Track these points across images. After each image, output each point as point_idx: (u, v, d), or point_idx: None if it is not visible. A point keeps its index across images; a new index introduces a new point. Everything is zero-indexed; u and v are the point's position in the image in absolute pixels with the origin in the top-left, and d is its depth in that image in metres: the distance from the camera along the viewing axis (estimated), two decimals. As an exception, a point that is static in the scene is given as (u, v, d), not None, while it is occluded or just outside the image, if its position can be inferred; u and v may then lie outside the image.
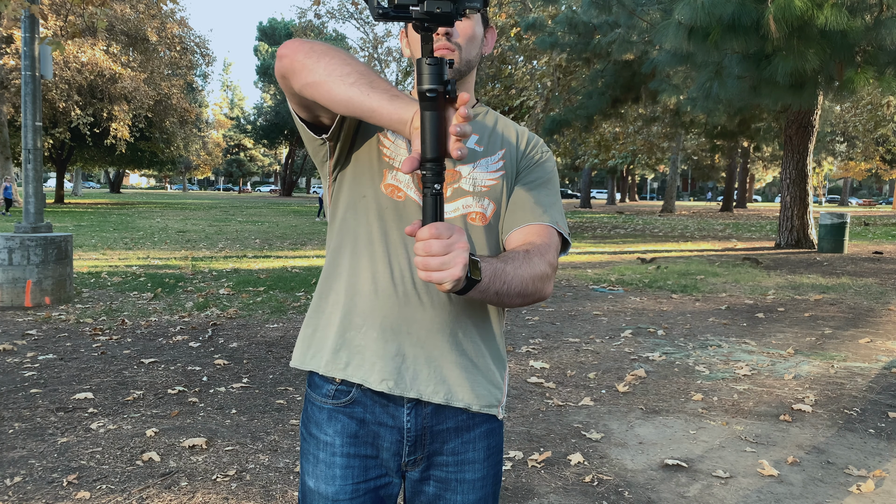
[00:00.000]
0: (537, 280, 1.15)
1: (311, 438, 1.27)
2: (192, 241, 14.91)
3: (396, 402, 1.22)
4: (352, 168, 1.26)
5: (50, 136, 28.15)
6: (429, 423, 1.23)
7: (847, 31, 8.73)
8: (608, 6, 14.32)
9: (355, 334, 1.21)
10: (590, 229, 21.89)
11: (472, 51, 1.25)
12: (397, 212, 1.22)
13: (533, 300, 1.18)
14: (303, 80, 1.07)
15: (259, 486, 2.95)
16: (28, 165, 7.28)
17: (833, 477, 3.17)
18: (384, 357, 1.19)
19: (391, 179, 1.23)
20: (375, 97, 1.02)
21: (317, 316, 1.27)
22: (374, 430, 1.23)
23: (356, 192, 1.25)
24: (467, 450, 1.26)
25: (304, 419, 1.30)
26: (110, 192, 59.54)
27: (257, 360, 5.04)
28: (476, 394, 1.23)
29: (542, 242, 1.21)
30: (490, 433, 1.28)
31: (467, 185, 1.24)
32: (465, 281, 1.00)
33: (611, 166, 42.01)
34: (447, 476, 1.26)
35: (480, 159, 1.27)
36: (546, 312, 7.14)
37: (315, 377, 1.27)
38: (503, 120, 1.35)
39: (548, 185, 1.30)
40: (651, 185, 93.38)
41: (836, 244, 13.75)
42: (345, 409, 1.23)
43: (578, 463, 3.26)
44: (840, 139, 37.02)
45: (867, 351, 5.63)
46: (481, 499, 1.28)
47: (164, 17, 28.37)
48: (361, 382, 1.20)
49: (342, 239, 1.26)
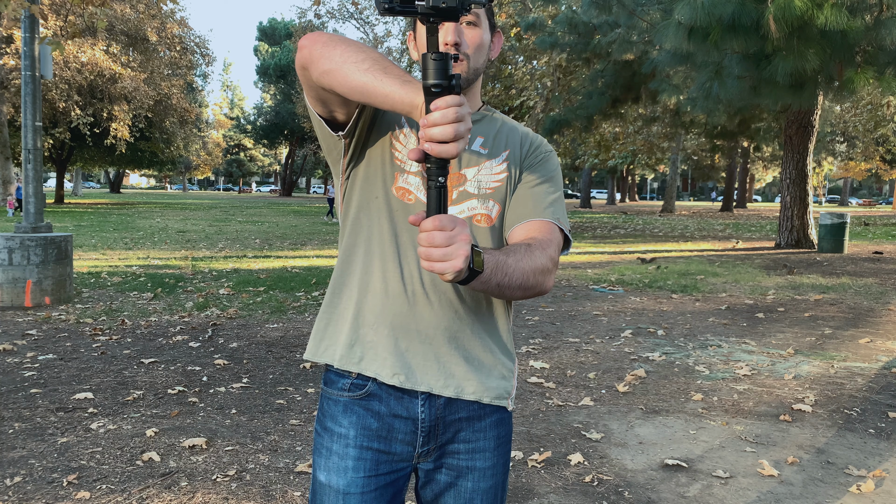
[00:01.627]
0: (538, 273, 1.18)
1: (325, 433, 1.29)
2: (192, 241, 14.91)
3: (410, 394, 1.25)
4: (364, 168, 1.29)
5: (50, 136, 28.13)
6: (442, 414, 1.26)
7: (847, 31, 8.73)
8: (608, 6, 14.32)
9: (367, 331, 1.25)
10: (590, 229, 21.89)
11: (480, 59, 1.27)
12: (407, 214, 1.25)
13: (534, 293, 1.21)
14: (321, 67, 1.10)
15: (259, 486, 2.95)
16: (28, 165, 7.28)
17: (833, 477, 3.17)
18: (394, 353, 1.23)
19: (402, 182, 1.26)
20: (388, 82, 1.04)
21: (330, 311, 1.31)
22: (389, 423, 1.26)
23: (369, 192, 1.28)
24: (479, 438, 1.29)
25: (320, 416, 1.32)
26: (110, 192, 59.53)
27: (257, 360, 5.04)
28: (486, 386, 1.27)
29: (544, 237, 1.24)
30: (500, 423, 1.32)
31: (472, 187, 1.28)
32: (468, 272, 1.03)
33: (611, 166, 42.02)
34: (459, 464, 1.29)
35: (485, 161, 1.30)
36: (546, 312, 7.14)
37: (331, 374, 1.30)
38: (508, 122, 1.37)
39: (550, 182, 1.33)
40: (651, 185, 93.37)
41: (836, 244, 13.75)
42: (361, 401, 1.26)
43: (578, 463, 3.26)
44: (840, 139, 37.01)
45: (867, 351, 5.63)
46: (492, 487, 1.32)
47: (164, 17, 28.36)
48: (375, 376, 1.24)
49: (355, 238, 1.29)
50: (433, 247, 0.96)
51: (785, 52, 9.25)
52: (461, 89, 0.94)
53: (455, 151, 0.94)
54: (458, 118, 0.93)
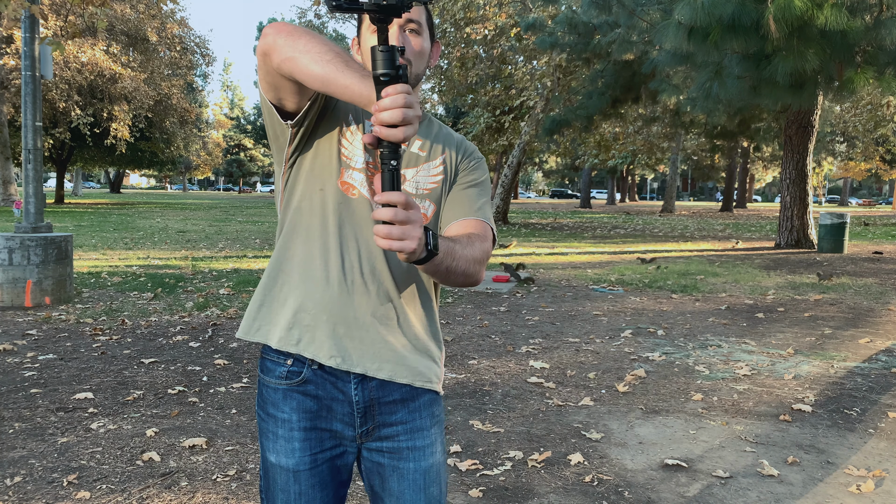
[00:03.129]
0: (477, 262, 1.29)
1: (268, 418, 1.36)
2: (192, 241, 14.91)
3: (343, 378, 1.33)
4: (310, 160, 1.35)
5: (50, 136, 28.12)
6: (375, 396, 1.34)
7: (847, 31, 8.73)
8: (608, 6, 14.32)
9: (305, 315, 1.31)
10: (590, 229, 21.89)
11: (422, 65, 1.36)
12: (350, 207, 1.32)
13: (470, 281, 1.30)
14: (283, 55, 1.15)
15: (259, 486, 2.95)
16: (28, 165, 7.28)
17: (833, 477, 3.17)
18: (332, 337, 1.30)
19: (347, 177, 1.33)
20: (349, 74, 1.10)
21: (265, 293, 1.37)
22: (328, 405, 1.34)
23: (314, 184, 1.34)
24: (415, 418, 1.37)
25: (260, 401, 1.40)
26: (110, 193, 59.51)
27: (257, 360, 5.04)
28: (417, 371, 1.36)
29: (480, 233, 1.35)
30: (433, 402, 1.40)
31: (410, 187, 1.36)
32: (425, 252, 1.11)
33: (611, 166, 42.00)
34: (399, 445, 1.36)
35: (423, 164, 1.39)
36: (546, 312, 7.14)
37: (267, 362, 1.37)
38: (444, 128, 1.48)
39: (481, 186, 1.45)
40: (651, 185, 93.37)
41: (836, 244, 13.75)
42: (298, 387, 1.34)
43: (578, 463, 3.26)
44: (840, 139, 37.02)
45: (867, 351, 5.63)
46: (433, 466, 1.38)
47: (164, 18, 28.36)
48: (313, 357, 1.31)
49: (296, 225, 1.35)
50: (395, 223, 1.02)
51: (785, 52, 9.25)
52: (408, 79, 1.01)
53: (403, 135, 1.01)
54: (406, 104, 1.01)
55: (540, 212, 36.95)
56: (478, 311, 7.11)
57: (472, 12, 19.83)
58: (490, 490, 2.96)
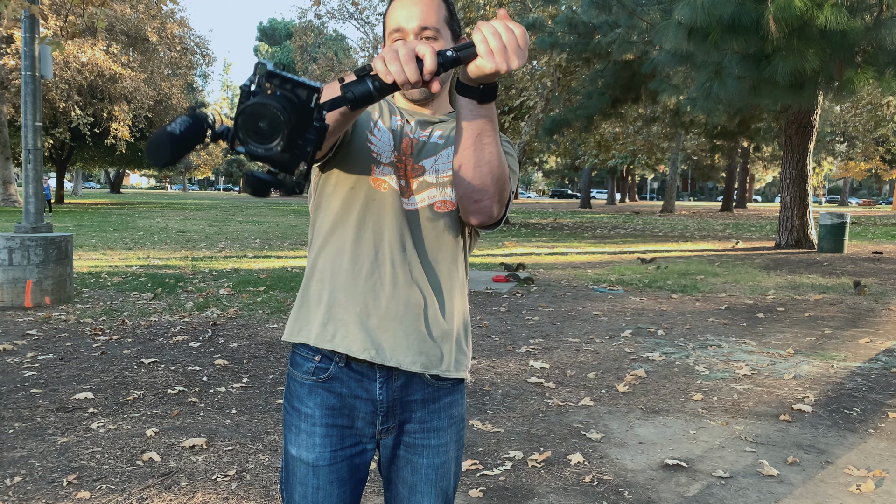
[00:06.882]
0: (504, 167, 1.22)
1: (293, 411, 1.40)
2: (192, 241, 14.91)
3: (369, 377, 1.35)
4: (342, 164, 1.37)
5: (50, 136, 28.12)
6: (399, 395, 1.37)
7: (847, 31, 8.74)
8: (608, 6, 14.32)
9: (339, 310, 1.34)
10: (590, 229, 21.89)
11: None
12: (381, 202, 1.34)
13: (496, 188, 1.23)
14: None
15: (259, 486, 2.95)
16: (28, 165, 7.28)
17: (833, 477, 3.17)
18: (365, 330, 1.33)
19: (378, 174, 1.35)
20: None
21: (302, 294, 1.41)
22: (351, 403, 1.37)
23: (346, 183, 1.36)
24: (433, 419, 1.41)
25: (287, 395, 1.43)
26: (110, 193, 59.50)
27: (257, 360, 5.04)
28: (448, 360, 1.38)
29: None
30: (453, 404, 1.44)
31: (430, 177, 1.37)
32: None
33: (611, 166, 42.00)
34: (415, 442, 1.41)
35: (441, 151, 1.38)
36: (546, 312, 7.14)
37: (296, 356, 1.40)
38: None
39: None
40: (651, 185, 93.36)
41: (836, 244, 13.75)
42: (324, 384, 1.36)
43: (578, 463, 3.26)
44: (840, 139, 37.03)
45: (867, 351, 5.63)
46: (445, 462, 1.43)
47: (164, 18, 28.36)
48: (346, 352, 1.33)
49: (326, 223, 1.38)
50: (512, 36, 1.00)
51: (785, 52, 9.25)
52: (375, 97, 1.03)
53: (413, 71, 1.00)
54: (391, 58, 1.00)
55: (540, 212, 36.95)
56: (478, 311, 7.11)
57: (472, 12, 19.81)
58: (490, 490, 2.97)
